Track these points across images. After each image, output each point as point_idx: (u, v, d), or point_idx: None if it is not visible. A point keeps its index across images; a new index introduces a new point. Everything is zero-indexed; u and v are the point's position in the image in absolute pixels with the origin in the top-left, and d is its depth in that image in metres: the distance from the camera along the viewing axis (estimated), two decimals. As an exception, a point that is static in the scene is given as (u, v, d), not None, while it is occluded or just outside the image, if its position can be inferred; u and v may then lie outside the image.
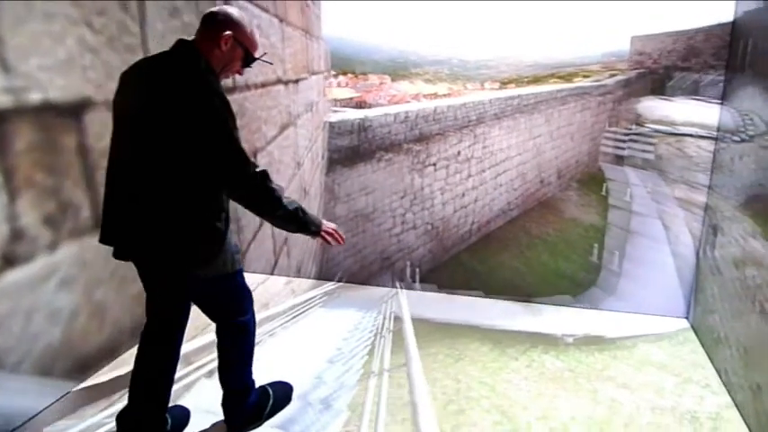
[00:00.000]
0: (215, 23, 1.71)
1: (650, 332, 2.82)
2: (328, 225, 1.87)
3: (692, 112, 2.04)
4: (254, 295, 2.08)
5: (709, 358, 2.59)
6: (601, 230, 2.16)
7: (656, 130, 2.06)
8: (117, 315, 2.45)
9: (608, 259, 2.29)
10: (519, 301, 2.62)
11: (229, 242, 1.79)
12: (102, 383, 2.34)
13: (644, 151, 2.03)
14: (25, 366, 2.00)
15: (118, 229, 1.73)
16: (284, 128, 2.60)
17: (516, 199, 2.19)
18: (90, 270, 2.26)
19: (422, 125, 2.18)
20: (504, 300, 2.63)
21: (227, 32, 1.70)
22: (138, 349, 1.92)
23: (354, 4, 2.22)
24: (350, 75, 2.26)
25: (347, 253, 2.58)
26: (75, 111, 2.14)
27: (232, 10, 1.76)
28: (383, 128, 2.24)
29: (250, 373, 2.08)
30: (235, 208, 1.75)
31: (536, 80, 1.97)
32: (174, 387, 2.01)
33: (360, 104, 2.25)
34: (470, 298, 2.70)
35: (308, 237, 1.89)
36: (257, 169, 1.64)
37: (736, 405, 2.22)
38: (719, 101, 2.29)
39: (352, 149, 2.27)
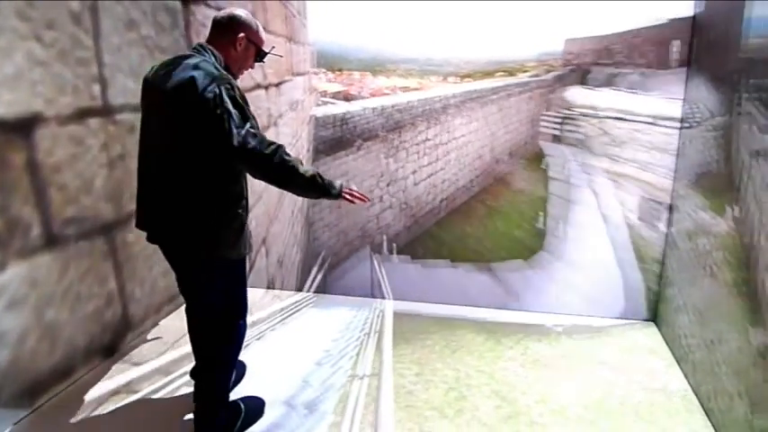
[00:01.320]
0: (228, 27, 1.87)
1: (636, 319, 3.03)
2: (348, 187, 1.95)
3: (610, 99, 2.43)
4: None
5: (669, 333, 2.78)
6: (544, 200, 2.53)
7: (582, 114, 2.44)
8: (70, 335, 2.38)
9: (551, 225, 2.61)
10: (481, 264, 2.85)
11: (248, 227, 1.93)
12: (58, 407, 2.27)
13: (572, 131, 2.44)
14: (-30, 391, 1.93)
15: (148, 216, 1.90)
16: (264, 129, 2.74)
17: (477, 177, 2.56)
18: (40, 289, 2.19)
19: (396, 116, 2.53)
20: (470, 264, 2.85)
21: (241, 34, 1.87)
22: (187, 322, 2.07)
23: (340, 11, 2.54)
24: (337, 72, 2.58)
25: (331, 233, 2.78)
26: (24, 126, 2.09)
27: (240, 12, 1.91)
28: (362, 119, 2.56)
29: (229, 382, 2.12)
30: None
31: (488, 75, 2.39)
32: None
33: (346, 96, 2.59)
34: (445, 271, 2.85)
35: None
36: (272, 145, 1.70)
37: (692, 363, 2.43)
38: (633, 90, 2.55)
39: (335, 140, 2.58)
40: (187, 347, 2.62)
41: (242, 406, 2.14)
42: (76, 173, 2.36)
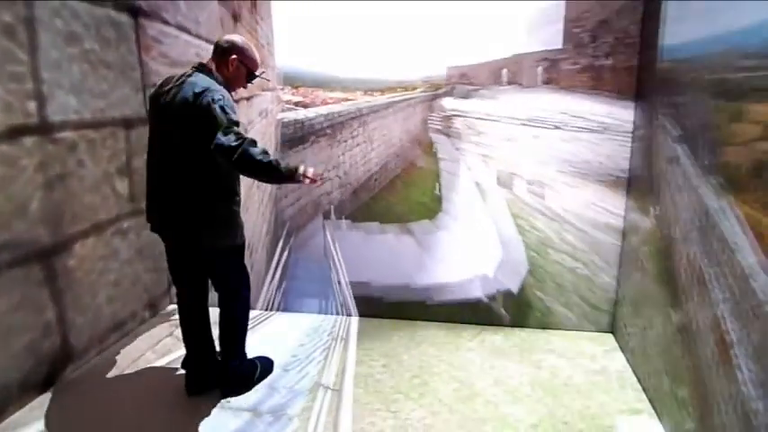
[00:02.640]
0: (224, 50, 2.23)
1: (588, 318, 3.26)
2: (304, 172, 2.15)
3: (467, 105, 3.15)
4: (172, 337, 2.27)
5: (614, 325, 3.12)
6: (438, 174, 3.25)
7: (453, 114, 3.19)
8: (1, 370, 2.20)
9: (444, 193, 3.28)
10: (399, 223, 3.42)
11: (240, 220, 2.31)
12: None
13: (447, 126, 3.20)
14: None
15: (154, 212, 2.26)
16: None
17: (395, 160, 3.28)
18: (-34, 322, 2.02)
19: (335, 119, 3.23)
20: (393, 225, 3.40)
21: (233, 56, 2.22)
22: (179, 314, 2.46)
23: (299, 42, 3.20)
24: (300, 88, 3.22)
25: (292, 208, 3.38)
26: (-53, 146, 1.93)
27: (236, 38, 2.26)
28: (313, 121, 3.24)
29: (245, 344, 2.53)
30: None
31: (391, 90, 3.19)
32: None
33: (305, 105, 3.25)
34: (379, 235, 3.37)
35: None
36: (243, 143, 1.97)
37: (629, 350, 2.77)
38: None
39: (295, 137, 3.24)
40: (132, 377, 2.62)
41: (257, 363, 2.61)
42: (8, 196, 2.20)
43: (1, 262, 2.17)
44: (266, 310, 3.49)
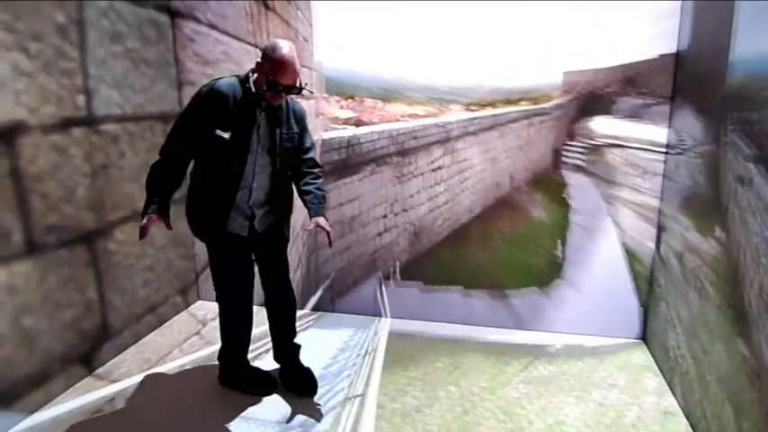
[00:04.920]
0: (261, 52, 2.12)
1: (630, 339, 3.10)
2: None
3: (635, 129, 2.53)
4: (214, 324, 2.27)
5: (659, 349, 2.84)
6: (562, 227, 2.53)
7: (607, 143, 2.49)
8: (48, 342, 2.38)
9: (569, 255, 2.67)
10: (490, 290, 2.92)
11: (214, 217, 2.27)
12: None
13: (594, 160, 2.48)
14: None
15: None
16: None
17: (496, 204, 2.63)
18: (19, 297, 2.21)
19: (405, 141, 2.62)
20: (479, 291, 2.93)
21: (258, 60, 2.11)
22: (228, 312, 2.43)
23: (350, 35, 2.66)
24: (349, 99, 2.65)
25: (335, 253, 2.92)
26: (7, 135, 2.12)
27: (273, 41, 2.11)
28: (370, 143, 2.65)
29: None
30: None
31: (492, 104, 2.48)
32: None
33: (357, 123, 2.67)
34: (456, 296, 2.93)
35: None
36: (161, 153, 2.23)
37: (680, 374, 2.51)
38: (633, 119, 2.69)
39: (342, 161, 2.68)
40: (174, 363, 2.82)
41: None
42: (59, 181, 2.39)
43: (51, 242, 2.36)
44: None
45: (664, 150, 2.69)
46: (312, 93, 2.19)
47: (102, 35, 2.64)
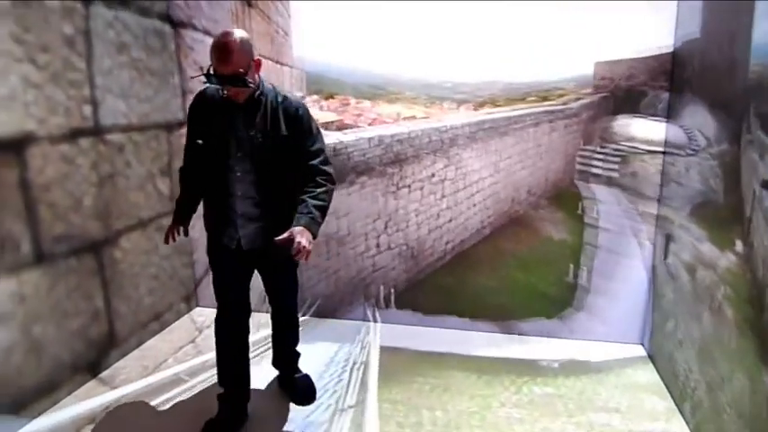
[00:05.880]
0: None
1: (635, 354, 2.91)
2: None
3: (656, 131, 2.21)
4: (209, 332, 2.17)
5: (667, 369, 2.66)
6: (571, 247, 2.19)
7: (634, 148, 2.14)
8: (56, 351, 2.40)
9: (589, 280, 2.35)
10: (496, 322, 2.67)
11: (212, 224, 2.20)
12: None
13: (617, 170, 2.10)
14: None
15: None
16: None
17: (502, 222, 2.24)
18: (28, 305, 2.22)
19: (397, 148, 2.23)
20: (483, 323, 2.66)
21: None
22: (224, 338, 2.26)
23: (331, 26, 2.30)
24: (330, 99, 2.28)
25: (320, 276, 2.55)
26: (16, 145, 2.14)
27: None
28: (357, 151, 2.29)
29: None
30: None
31: (509, 102, 2.06)
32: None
33: (340, 128, 2.30)
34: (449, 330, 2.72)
35: None
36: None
37: (693, 402, 2.31)
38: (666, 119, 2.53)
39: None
40: (168, 372, 2.79)
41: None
42: (66, 191, 2.41)
43: (59, 251, 2.38)
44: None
45: (674, 152, 2.44)
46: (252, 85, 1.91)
47: (108, 46, 2.67)
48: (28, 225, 2.21)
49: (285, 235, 1.88)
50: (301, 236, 1.87)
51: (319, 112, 2.36)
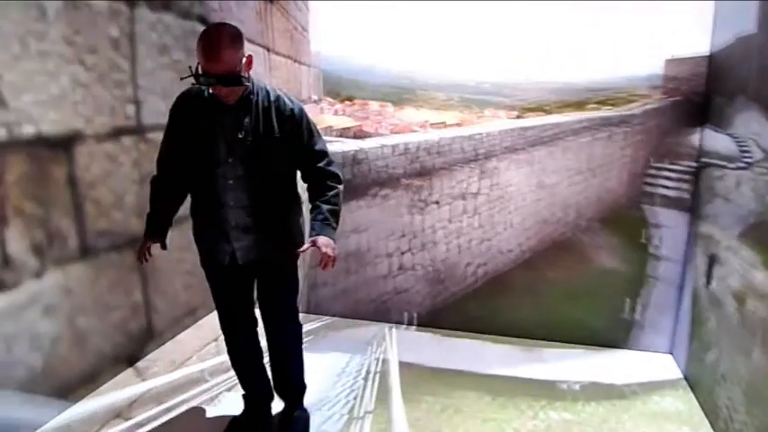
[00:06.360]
0: None
1: (663, 378, 2.73)
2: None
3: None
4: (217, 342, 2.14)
5: (708, 402, 2.44)
6: (628, 279, 1.89)
7: (721, 166, 1.77)
8: (98, 343, 2.48)
9: (647, 315, 2.02)
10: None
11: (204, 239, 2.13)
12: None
13: (685, 190, 1.76)
14: (6, 391, 2.03)
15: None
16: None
17: (529, 240, 1.94)
18: (73, 298, 2.31)
19: (424, 158, 1.98)
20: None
21: None
22: (235, 352, 2.18)
23: (351, 22, 2.05)
24: (347, 101, 2.03)
25: (336, 295, 2.34)
26: (65, 143, 2.23)
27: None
28: (380, 160, 2.05)
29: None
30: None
31: (560, 108, 1.75)
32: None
33: (358, 135, 2.04)
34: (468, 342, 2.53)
35: None
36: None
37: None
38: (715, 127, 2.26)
39: (344, 183, 2.04)
40: (197, 366, 2.83)
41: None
42: (109, 188, 2.49)
43: (102, 246, 2.46)
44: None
45: (721, 163, 2.16)
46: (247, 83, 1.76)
47: (151, 47, 2.75)
48: (75, 220, 2.29)
49: (307, 245, 1.84)
50: (326, 246, 1.80)
51: (333, 117, 2.15)
